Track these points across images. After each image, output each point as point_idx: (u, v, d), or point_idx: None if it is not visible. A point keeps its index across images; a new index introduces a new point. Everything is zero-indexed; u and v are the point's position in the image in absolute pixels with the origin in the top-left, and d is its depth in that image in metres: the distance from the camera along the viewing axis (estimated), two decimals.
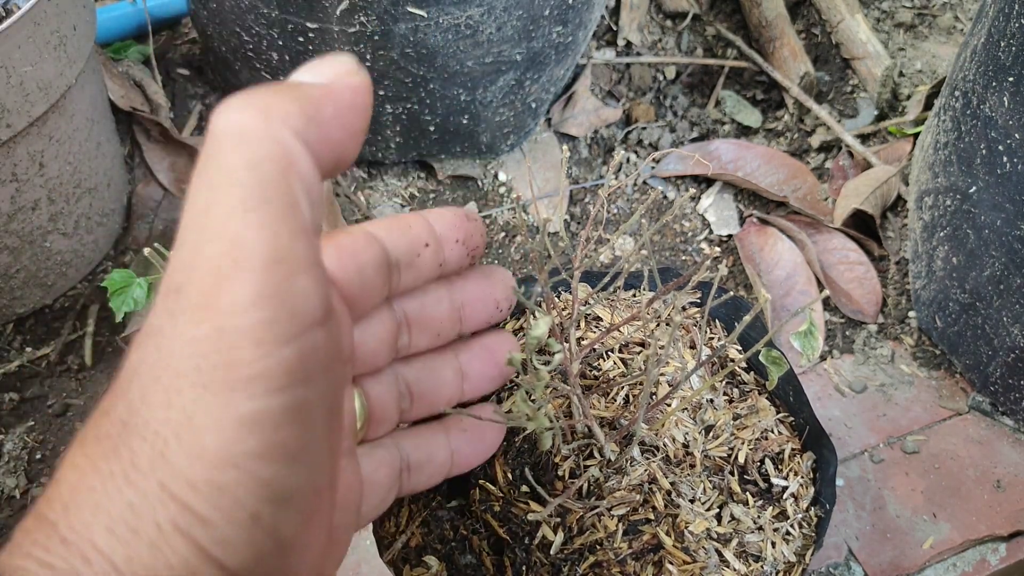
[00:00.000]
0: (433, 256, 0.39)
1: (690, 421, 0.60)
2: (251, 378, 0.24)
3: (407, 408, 0.42)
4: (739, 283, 0.96)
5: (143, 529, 0.23)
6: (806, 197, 1.00)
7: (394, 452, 0.41)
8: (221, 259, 0.24)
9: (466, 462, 0.46)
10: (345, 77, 0.28)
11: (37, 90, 0.74)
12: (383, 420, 0.40)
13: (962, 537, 0.78)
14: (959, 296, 0.83)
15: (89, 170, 0.88)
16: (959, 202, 0.82)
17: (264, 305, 0.24)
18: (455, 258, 0.41)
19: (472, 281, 0.44)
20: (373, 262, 0.35)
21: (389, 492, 0.41)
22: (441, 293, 0.42)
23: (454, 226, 0.40)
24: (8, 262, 0.84)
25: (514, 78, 0.91)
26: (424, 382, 0.43)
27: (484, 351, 0.46)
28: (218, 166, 0.24)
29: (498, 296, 0.45)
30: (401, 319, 0.40)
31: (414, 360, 0.42)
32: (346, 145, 0.28)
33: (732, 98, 1.08)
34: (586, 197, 1.02)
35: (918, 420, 0.86)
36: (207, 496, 0.23)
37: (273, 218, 0.24)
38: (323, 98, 0.27)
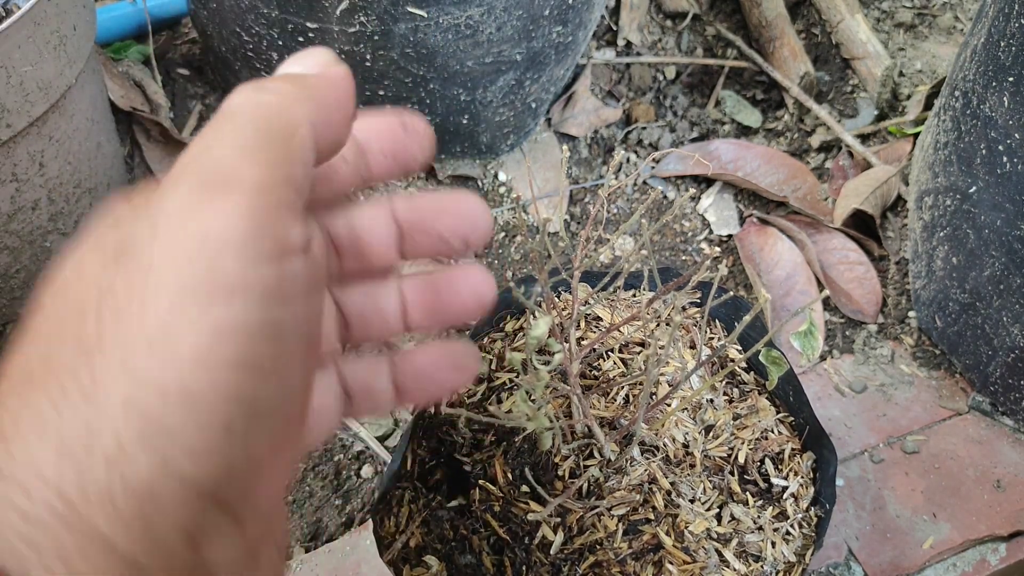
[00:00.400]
0: (353, 169, 0.35)
1: (690, 421, 0.60)
2: (231, 288, 0.23)
3: (343, 333, 0.39)
4: (739, 283, 0.96)
5: (100, 447, 0.22)
6: (806, 197, 1.00)
7: (333, 377, 0.39)
8: (211, 177, 0.24)
9: (417, 399, 0.41)
10: (333, 66, 0.29)
11: (37, 90, 0.74)
12: (324, 343, 0.37)
13: (962, 537, 0.78)
14: (959, 296, 0.83)
15: (89, 170, 0.87)
16: (959, 202, 0.82)
17: (249, 222, 0.24)
18: (381, 172, 0.37)
19: (412, 205, 0.38)
20: None
21: (333, 417, 0.39)
22: (376, 211, 0.37)
23: (380, 135, 0.36)
24: (8, 262, 0.84)
25: (514, 78, 0.91)
26: (358, 307, 0.39)
27: (430, 286, 0.39)
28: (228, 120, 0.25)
29: (442, 228, 0.38)
30: (326, 236, 0.36)
31: (349, 284, 0.39)
32: (341, 129, 0.29)
33: (732, 98, 1.08)
34: (586, 197, 1.02)
35: (918, 420, 0.86)
36: (178, 403, 0.22)
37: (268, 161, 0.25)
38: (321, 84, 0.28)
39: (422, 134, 0.37)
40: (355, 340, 0.40)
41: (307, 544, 0.76)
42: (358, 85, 0.85)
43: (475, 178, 1.01)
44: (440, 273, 0.40)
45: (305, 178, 0.27)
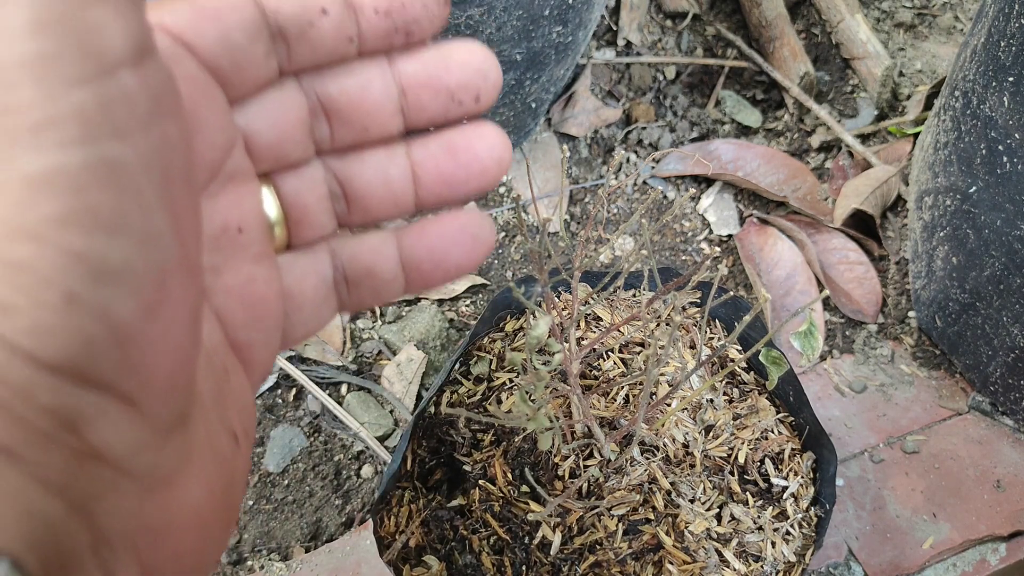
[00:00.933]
0: (336, 27, 0.32)
1: (690, 421, 0.60)
2: (37, 126, 0.19)
3: (343, 211, 0.35)
4: (739, 283, 0.96)
5: None
6: (806, 197, 1.00)
7: (325, 261, 0.35)
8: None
9: (433, 275, 0.36)
10: None
11: None
12: (307, 222, 0.34)
13: (962, 537, 0.78)
14: (959, 296, 0.83)
15: None
16: (959, 202, 0.82)
17: (44, 33, 0.19)
18: (377, 34, 0.32)
19: (419, 60, 0.34)
20: (244, 26, 0.29)
21: (321, 307, 0.35)
22: (371, 75, 0.34)
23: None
24: None
25: (514, 78, 0.91)
26: (361, 180, 0.35)
27: (441, 147, 0.36)
28: None
29: (451, 83, 0.34)
30: (315, 104, 0.33)
31: (348, 155, 0.35)
32: None
33: (732, 98, 1.08)
34: (586, 197, 1.02)
35: (918, 420, 0.86)
36: (3, 277, 0.19)
37: None
38: None
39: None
40: (357, 221, 0.36)
41: (307, 544, 0.76)
42: None
43: None
44: (454, 132, 0.35)
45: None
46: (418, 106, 0.34)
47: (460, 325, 0.92)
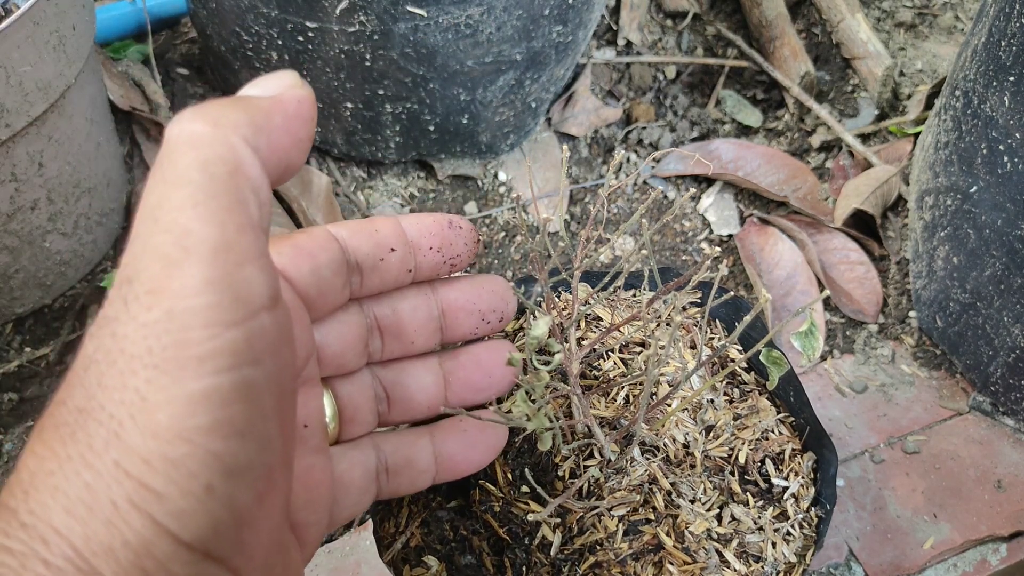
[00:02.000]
0: (400, 262, 0.39)
1: (690, 421, 0.60)
2: (200, 357, 0.25)
3: (384, 411, 0.43)
4: (739, 283, 0.96)
5: (99, 507, 0.24)
6: (806, 197, 1.00)
7: (370, 454, 0.42)
8: (171, 248, 0.25)
9: (458, 468, 0.45)
10: (291, 90, 0.29)
11: (36, 90, 0.74)
12: (356, 420, 0.41)
13: (963, 537, 0.78)
14: (960, 296, 0.83)
15: (88, 170, 0.87)
16: (960, 202, 0.81)
17: (212, 289, 0.25)
18: (429, 266, 0.41)
19: (456, 289, 0.44)
20: (330, 262, 0.36)
21: (364, 494, 0.41)
22: (419, 300, 0.42)
23: (430, 233, 0.40)
24: (7, 262, 0.83)
25: (514, 78, 0.91)
26: (402, 386, 0.43)
27: (470, 359, 0.45)
28: (172, 165, 0.26)
29: (483, 307, 0.45)
30: (372, 323, 0.41)
31: (392, 364, 0.43)
32: (292, 152, 0.29)
33: (732, 98, 1.08)
34: (586, 197, 1.02)
35: (919, 420, 0.86)
36: (161, 471, 0.24)
37: (220, 212, 0.25)
38: (271, 108, 0.28)
39: (467, 231, 0.42)
40: (395, 420, 0.43)
41: None
42: (357, 85, 0.85)
43: (475, 178, 1.01)
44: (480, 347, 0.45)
45: (261, 210, 0.27)
46: (455, 325, 0.43)
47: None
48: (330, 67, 0.83)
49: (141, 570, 0.24)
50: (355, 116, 0.90)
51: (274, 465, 0.28)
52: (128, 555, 0.24)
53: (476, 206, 1.00)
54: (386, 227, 0.39)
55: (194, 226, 0.25)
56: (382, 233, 0.39)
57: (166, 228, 0.25)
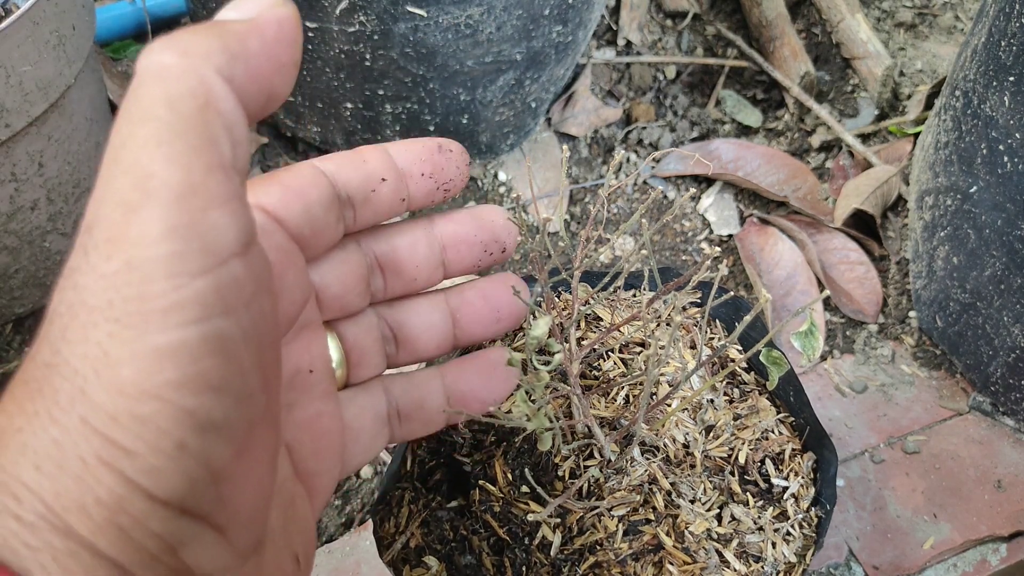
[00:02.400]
0: (393, 191, 0.38)
1: (690, 421, 0.60)
2: (164, 310, 0.23)
3: (393, 353, 0.42)
4: (739, 283, 0.96)
5: (68, 464, 0.23)
6: (806, 197, 1.00)
7: (379, 397, 0.41)
8: (130, 192, 0.23)
9: (471, 405, 0.43)
10: (270, 9, 0.27)
11: (36, 90, 0.74)
12: (364, 363, 0.40)
13: (963, 537, 0.78)
14: (960, 296, 0.83)
15: (88, 170, 0.87)
16: (960, 202, 0.81)
17: (175, 237, 0.23)
18: (423, 193, 0.39)
19: (455, 221, 0.42)
20: (320, 199, 0.35)
21: (376, 439, 0.40)
22: (417, 234, 0.41)
23: (420, 159, 0.38)
24: (7, 262, 0.83)
25: (514, 78, 0.91)
26: (408, 326, 0.41)
27: (476, 295, 0.44)
28: (137, 101, 0.24)
29: (484, 238, 0.43)
30: (372, 260, 0.39)
31: (397, 304, 0.41)
32: (275, 80, 0.27)
33: (732, 98, 1.08)
34: (586, 197, 1.02)
35: (919, 420, 0.86)
36: (129, 428, 0.23)
37: (186, 152, 0.24)
38: (248, 33, 0.26)
39: (457, 154, 0.40)
40: (405, 360, 0.42)
41: None
42: (357, 85, 0.85)
43: (475, 178, 1.01)
44: (486, 281, 0.44)
45: (235, 149, 0.25)
46: (457, 258, 0.41)
47: None
48: (330, 67, 0.83)
49: (116, 526, 0.23)
50: (355, 116, 0.90)
51: (255, 420, 0.26)
52: (102, 512, 0.23)
53: (476, 205, 1.00)
54: (374, 156, 0.37)
55: (156, 168, 0.23)
56: (371, 163, 0.37)
57: (126, 170, 0.24)
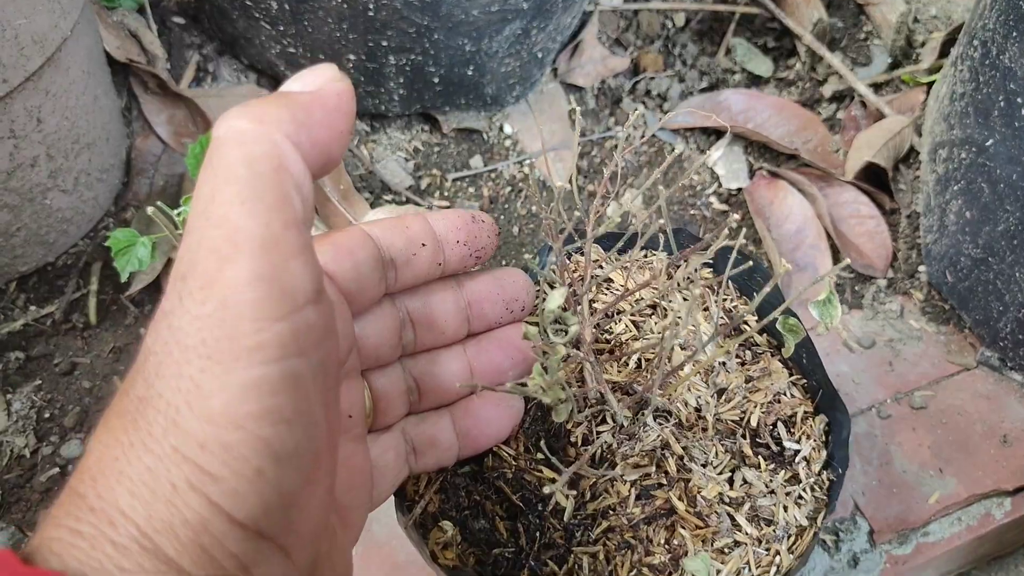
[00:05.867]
0: (431, 256, 0.42)
1: (702, 385, 0.60)
2: (251, 348, 0.26)
3: (415, 400, 0.46)
4: (749, 238, 0.95)
5: (160, 489, 0.26)
6: (817, 149, 0.98)
7: (399, 437, 0.45)
8: (222, 244, 0.27)
9: (478, 443, 0.48)
10: (331, 83, 0.31)
11: (32, 43, 0.72)
12: (389, 411, 0.44)
13: (968, 492, 0.78)
14: (971, 251, 0.82)
15: (87, 124, 0.86)
16: (974, 155, 0.80)
17: (261, 285, 0.27)
18: (457, 258, 0.44)
19: (481, 282, 0.47)
20: (368, 259, 0.39)
21: (398, 475, 0.45)
22: (447, 293, 0.45)
23: (456, 227, 0.43)
24: (8, 220, 0.82)
25: (520, 27, 0.89)
26: (431, 376, 0.45)
27: (493, 345, 0.48)
28: (220, 161, 0.28)
29: (507, 297, 0.48)
30: (404, 316, 0.43)
31: (421, 356, 0.45)
32: (333, 145, 0.31)
33: (743, 46, 1.06)
34: (593, 150, 1.00)
35: (926, 375, 0.86)
36: (216, 454, 0.26)
37: (266, 209, 0.27)
38: (311, 104, 0.30)
39: (489, 224, 0.45)
40: (425, 407, 0.46)
41: None
42: (360, 36, 0.83)
43: (480, 131, 0.99)
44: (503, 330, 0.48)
45: (304, 205, 0.29)
46: (481, 315, 0.46)
47: None
48: (332, 17, 0.81)
49: (199, 546, 0.26)
50: (358, 68, 0.88)
51: (320, 451, 0.29)
52: (187, 532, 0.26)
53: (482, 160, 0.98)
54: (416, 224, 0.42)
55: (243, 222, 0.27)
56: (413, 229, 0.41)
57: (217, 224, 0.27)
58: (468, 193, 0.97)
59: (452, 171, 0.98)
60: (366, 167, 0.96)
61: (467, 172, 0.97)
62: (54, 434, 0.84)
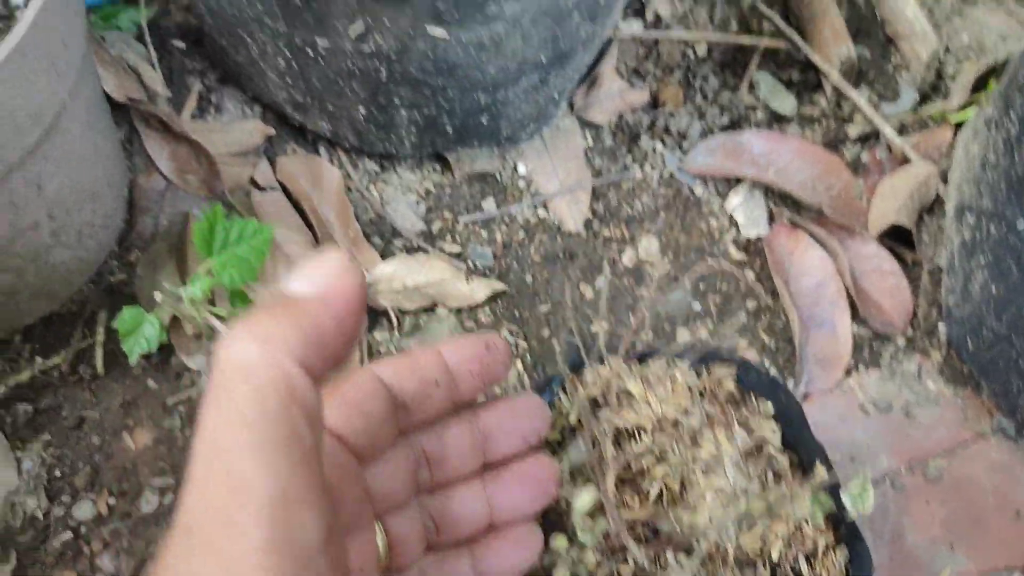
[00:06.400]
0: (445, 394, 0.41)
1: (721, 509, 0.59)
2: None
3: (434, 538, 0.44)
4: (767, 289, 0.93)
5: None
6: (840, 195, 0.95)
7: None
8: (228, 502, 0.26)
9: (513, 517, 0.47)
10: (339, 281, 0.30)
11: (28, 119, 0.69)
12: (406, 553, 0.42)
13: (978, 568, 0.79)
14: (995, 326, 0.81)
15: (89, 176, 0.83)
16: (1004, 232, 0.78)
17: (270, 550, 0.26)
18: (470, 390, 0.42)
19: (496, 412, 0.45)
20: (380, 412, 0.38)
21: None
22: (462, 427, 0.43)
23: (469, 359, 0.42)
24: (12, 282, 0.80)
25: (539, 78, 0.85)
26: (449, 513, 0.44)
27: (512, 479, 0.46)
28: (227, 398, 0.27)
29: (524, 429, 0.46)
30: (419, 454, 0.42)
31: (437, 492, 0.44)
32: (342, 350, 0.30)
33: (767, 81, 1.02)
34: (609, 191, 0.98)
35: (941, 443, 0.86)
36: None
37: (276, 455, 0.27)
38: (320, 314, 0.29)
39: (503, 351, 0.43)
40: (443, 542, 0.44)
41: None
42: (371, 94, 0.80)
43: (493, 174, 0.97)
44: (522, 463, 0.46)
45: (314, 431, 0.28)
46: (496, 448, 0.44)
47: None
48: (342, 78, 0.78)
49: None
50: (368, 119, 0.85)
51: None
52: None
53: (495, 202, 0.96)
54: (428, 362, 0.40)
55: (250, 476, 0.26)
56: (425, 368, 0.40)
57: (223, 477, 0.26)
58: (481, 237, 0.94)
59: (464, 213, 0.95)
60: (376, 211, 0.94)
61: (480, 215, 0.95)
62: (65, 494, 0.84)
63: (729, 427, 0.63)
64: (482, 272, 0.93)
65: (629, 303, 0.92)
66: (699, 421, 0.63)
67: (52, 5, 0.68)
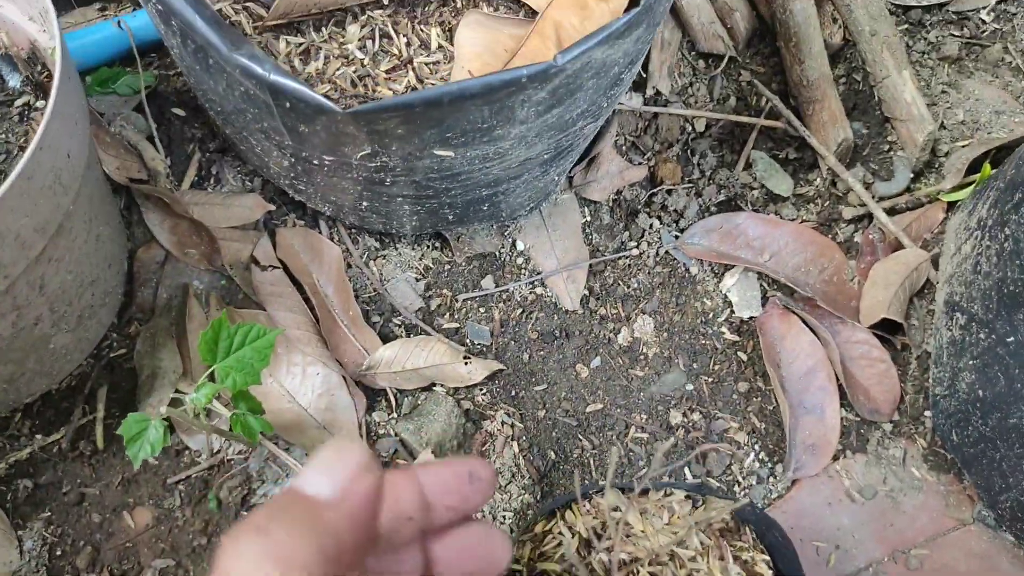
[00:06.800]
0: (416, 528, 0.37)
1: None
2: None
3: None
4: (757, 372, 0.95)
5: None
6: (832, 279, 0.97)
7: None
8: None
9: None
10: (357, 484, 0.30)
11: (34, 233, 0.69)
12: None
13: None
14: (980, 426, 0.83)
15: (91, 266, 0.83)
16: (994, 342, 0.80)
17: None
18: (443, 522, 0.39)
19: (459, 539, 0.41)
20: (348, 548, 0.34)
21: None
22: (418, 556, 0.39)
23: (449, 492, 0.38)
24: (13, 370, 0.81)
25: (540, 171, 0.86)
26: None
27: None
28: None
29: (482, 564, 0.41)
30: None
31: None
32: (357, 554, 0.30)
33: (763, 160, 1.03)
34: (606, 269, 0.99)
35: (924, 531, 0.89)
36: None
37: None
38: (338, 522, 0.29)
39: (487, 482, 0.39)
40: None
41: None
42: (374, 194, 0.80)
43: (492, 253, 0.97)
44: None
45: None
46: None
47: (476, 416, 0.91)
48: (346, 182, 0.78)
49: None
50: (369, 209, 0.85)
51: None
52: None
53: (493, 280, 0.97)
54: (406, 494, 0.37)
55: None
56: (402, 502, 0.37)
57: None
58: (479, 315, 0.95)
59: (463, 291, 0.96)
60: (375, 288, 0.94)
61: (478, 292, 0.96)
62: (67, 574, 0.85)
63: (723, 559, 0.65)
64: (479, 350, 0.94)
65: (623, 384, 0.94)
66: (695, 551, 0.65)
67: (56, 125, 0.67)
